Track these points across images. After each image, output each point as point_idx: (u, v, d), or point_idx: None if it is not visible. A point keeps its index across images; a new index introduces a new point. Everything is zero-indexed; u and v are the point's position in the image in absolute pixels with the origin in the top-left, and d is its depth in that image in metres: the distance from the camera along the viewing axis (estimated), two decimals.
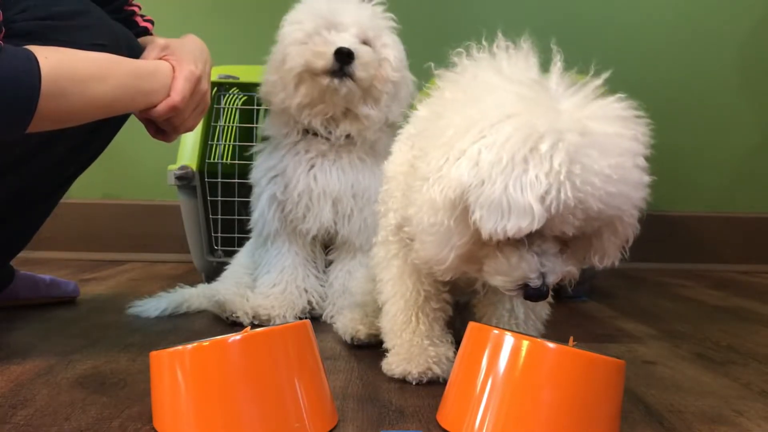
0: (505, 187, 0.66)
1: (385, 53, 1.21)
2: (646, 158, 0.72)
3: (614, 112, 0.71)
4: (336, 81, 1.15)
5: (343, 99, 1.18)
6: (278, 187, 1.24)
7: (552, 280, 0.73)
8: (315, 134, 1.24)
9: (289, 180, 1.24)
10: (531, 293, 0.73)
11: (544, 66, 0.76)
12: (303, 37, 1.19)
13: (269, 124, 1.30)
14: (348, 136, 1.23)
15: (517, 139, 0.67)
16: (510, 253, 0.73)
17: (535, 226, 0.67)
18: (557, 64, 0.75)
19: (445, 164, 0.71)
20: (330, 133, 1.22)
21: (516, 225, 0.67)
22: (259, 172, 1.29)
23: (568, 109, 0.69)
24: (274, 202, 1.25)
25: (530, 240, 0.72)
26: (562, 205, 0.66)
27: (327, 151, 1.24)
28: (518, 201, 0.66)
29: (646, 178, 0.71)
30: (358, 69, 1.15)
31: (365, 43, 1.19)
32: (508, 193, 0.66)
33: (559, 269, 0.74)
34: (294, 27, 1.21)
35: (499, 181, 0.66)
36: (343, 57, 1.13)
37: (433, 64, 0.81)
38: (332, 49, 1.14)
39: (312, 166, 1.24)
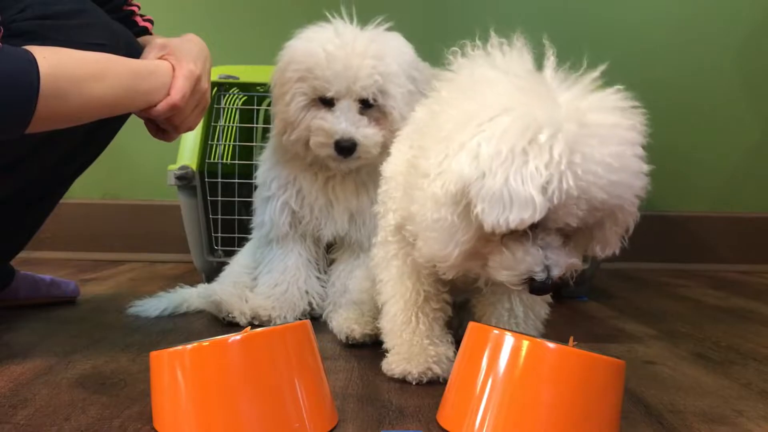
0: (506, 179, 0.67)
1: (389, 108, 1.13)
2: (645, 152, 0.72)
3: (611, 103, 0.71)
4: (340, 160, 1.14)
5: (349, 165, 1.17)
6: (292, 197, 1.22)
7: (557, 273, 0.73)
8: None
9: (306, 193, 1.22)
10: (536, 287, 0.73)
11: (539, 63, 0.77)
12: (303, 99, 1.14)
13: (277, 138, 1.23)
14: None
15: (516, 131, 0.67)
16: (514, 247, 0.73)
17: (537, 217, 0.67)
18: (551, 59, 0.75)
19: (446, 159, 0.71)
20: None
21: (518, 216, 0.67)
22: (268, 175, 1.26)
23: (565, 101, 0.70)
24: (286, 208, 1.23)
25: (534, 233, 0.72)
26: (564, 195, 0.67)
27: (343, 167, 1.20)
28: (519, 192, 0.66)
29: (645, 167, 0.71)
30: (361, 152, 1.13)
31: (371, 101, 1.13)
32: (509, 185, 0.66)
33: (563, 262, 0.74)
34: (294, 87, 1.14)
35: (499, 174, 0.67)
36: (344, 151, 1.12)
37: (428, 65, 0.81)
38: (332, 141, 1.12)
39: (328, 178, 1.22)
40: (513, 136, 0.67)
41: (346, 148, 1.11)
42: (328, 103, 1.14)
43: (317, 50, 1.12)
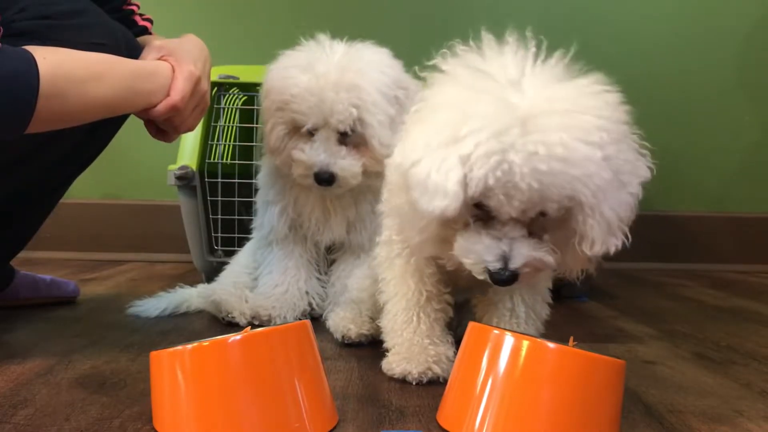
0: (429, 169, 0.71)
1: (368, 137, 1.10)
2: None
3: (571, 96, 0.71)
4: (324, 188, 1.13)
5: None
6: (290, 205, 1.22)
7: (516, 264, 0.73)
8: None
9: (302, 204, 1.22)
10: (494, 277, 0.74)
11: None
12: (283, 129, 1.13)
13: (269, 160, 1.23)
14: None
15: (445, 124, 0.71)
16: (469, 235, 0.75)
17: (453, 207, 0.70)
18: (515, 50, 0.75)
19: (397, 149, 0.78)
20: None
21: (439, 206, 0.71)
22: (267, 181, 1.26)
23: (514, 97, 0.70)
24: (285, 213, 1.23)
25: (490, 224, 0.73)
26: (483, 186, 0.69)
27: None
28: (438, 183, 0.70)
29: (597, 154, 0.68)
30: (341, 183, 1.12)
31: (349, 132, 1.10)
32: (431, 174, 0.71)
33: (524, 254, 0.73)
34: (274, 115, 1.13)
35: (424, 163, 0.72)
36: (324, 182, 1.11)
37: (417, 68, 0.82)
38: (312, 172, 1.11)
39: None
40: (441, 128, 0.71)
41: (325, 179, 1.11)
42: (308, 130, 1.12)
43: (292, 82, 1.10)
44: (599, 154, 0.68)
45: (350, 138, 1.12)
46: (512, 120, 0.68)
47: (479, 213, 0.75)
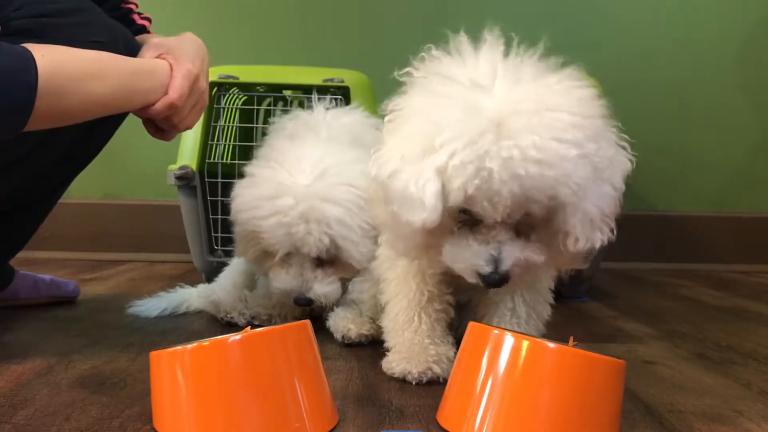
0: (406, 182, 0.70)
1: (345, 258, 1.08)
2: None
3: (544, 94, 0.70)
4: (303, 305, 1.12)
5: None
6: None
7: (506, 266, 0.73)
8: None
9: None
10: (485, 280, 0.74)
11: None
12: (257, 251, 1.11)
13: None
14: None
15: (418, 135, 0.70)
16: (458, 241, 0.75)
17: (432, 219, 0.70)
18: (495, 50, 0.75)
19: (372, 159, 0.77)
20: None
21: (416, 217, 0.70)
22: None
23: (486, 101, 0.69)
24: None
25: (476, 228, 0.73)
26: (462, 195, 0.68)
27: None
28: (414, 195, 0.70)
29: (573, 152, 0.67)
30: (320, 300, 1.10)
31: (323, 256, 1.08)
32: (408, 187, 0.70)
33: (514, 256, 0.73)
34: (247, 237, 1.11)
35: (401, 176, 0.71)
36: (304, 305, 1.11)
37: (397, 72, 0.82)
38: (292, 298, 1.10)
39: None
40: (414, 140, 0.70)
41: (303, 304, 1.10)
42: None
43: (259, 214, 1.06)
44: (574, 152, 0.67)
45: (327, 257, 1.09)
46: (484, 125, 0.67)
47: (465, 218, 0.75)
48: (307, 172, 1.07)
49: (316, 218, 1.04)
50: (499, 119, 0.67)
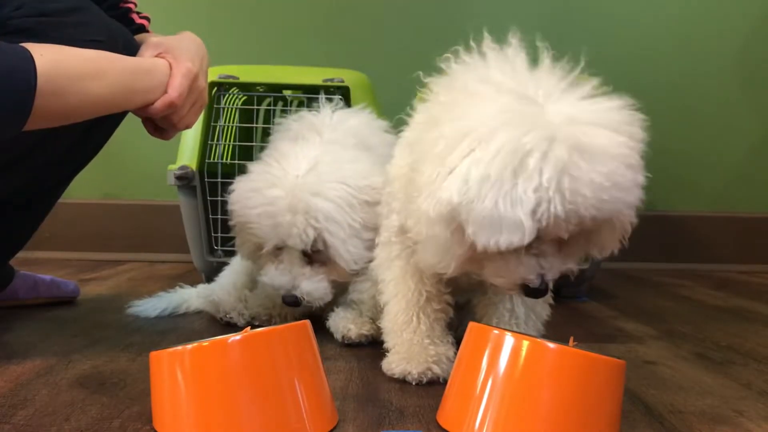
0: (495, 204, 0.67)
1: (332, 255, 1.07)
2: (644, 157, 0.72)
3: (605, 116, 0.71)
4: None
5: None
6: None
7: (551, 278, 0.75)
8: None
9: None
10: (530, 292, 0.75)
11: (535, 65, 0.76)
12: (250, 245, 1.12)
13: None
14: None
15: (505, 155, 0.68)
16: (509, 256, 0.74)
17: (527, 240, 0.68)
18: (546, 62, 0.75)
19: (437, 179, 0.72)
20: None
21: (508, 239, 0.68)
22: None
23: (555, 118, 0.69)
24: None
25: (528, 244, 0.72)
26: (552, 218, 0.68)
27: None
28: (508, 217, 0.67)
29: (640, 178, 0.71)
30: (305, 299, 1.09)
31: (311, 251, 1.07)
32: (498, 209, 0.67)
33: (557, 268, 0.75)
34: (241, 231, 1.12)
35: (488, 198, 0.68)
36: (291, 304, 1.10)
37: (421, 73, 0.81)
38: (280, 295, 1.10)
39: None
40: (502, 159, 0.67)
41: (290, 303, 1.09)
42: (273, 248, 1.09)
43: (250, 204, 1.07)
44: (640, 177, 0.71)
45: (316, 255, 1.08)
46: (571, 150, 0.67)
47: None
48: (300, 167, 1.07)
49: (303, 210, 1.04)
50: (578, 144, 0.67)
